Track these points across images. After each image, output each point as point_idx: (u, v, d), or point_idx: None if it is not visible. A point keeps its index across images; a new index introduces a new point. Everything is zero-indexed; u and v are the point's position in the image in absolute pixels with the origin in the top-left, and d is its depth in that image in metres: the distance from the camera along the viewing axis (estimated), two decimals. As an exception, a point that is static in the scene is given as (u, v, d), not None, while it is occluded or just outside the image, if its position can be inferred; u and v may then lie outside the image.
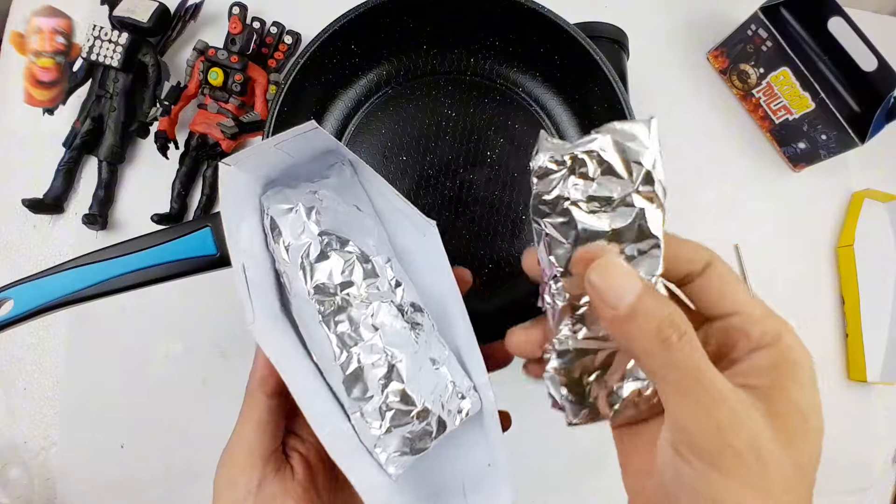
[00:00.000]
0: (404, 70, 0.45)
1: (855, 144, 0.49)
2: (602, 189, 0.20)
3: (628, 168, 0.20)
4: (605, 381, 0.21)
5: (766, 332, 0.21)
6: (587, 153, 0.20)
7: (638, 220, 0.20)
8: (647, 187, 0.20)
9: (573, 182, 0.20)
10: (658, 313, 0.19)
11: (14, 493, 0.44)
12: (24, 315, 0.31)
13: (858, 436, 0.53)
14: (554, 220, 0.20)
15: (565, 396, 0.22)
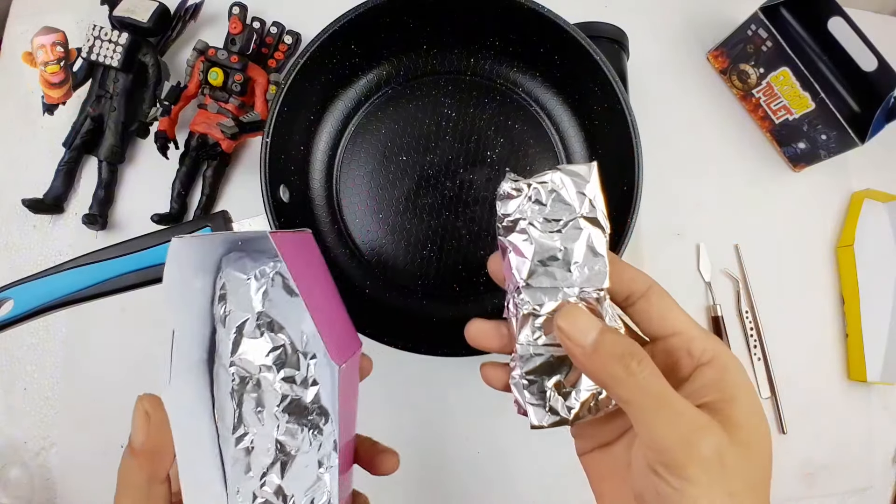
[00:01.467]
0: (404, 70, 0.45)
1: (855, 144, 0.49)
2: (553, 213, 0.24)
3: (574, 198, 0.24)
4: (564, 386, 0.24)
5: (704, 349, 0.23)
6: (541, 184, 0.24)
7: (586, 242, 0.24)
8: (591, 214, 0.24)
9: (530, 206, 0.24)
10: (619, 344, 0.22)
11: (14, 493, 0.44)
12: (24, 315, 0.31)
13: (858, 436, 0.53)
14: (516, 237, 0.24)
15: (528, 401, 0.24)
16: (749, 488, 0.21)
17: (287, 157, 0.41)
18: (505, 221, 0.24)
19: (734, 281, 0.53)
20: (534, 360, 0.24)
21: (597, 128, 0.44)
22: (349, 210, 0.44)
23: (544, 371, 0.24)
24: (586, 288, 0.24)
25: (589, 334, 0.22)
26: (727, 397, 0.22)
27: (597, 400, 0.24)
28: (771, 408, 0.51)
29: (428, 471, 0.47)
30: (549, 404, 0.24)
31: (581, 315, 0.23)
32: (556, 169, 0.24)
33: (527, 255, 0.24)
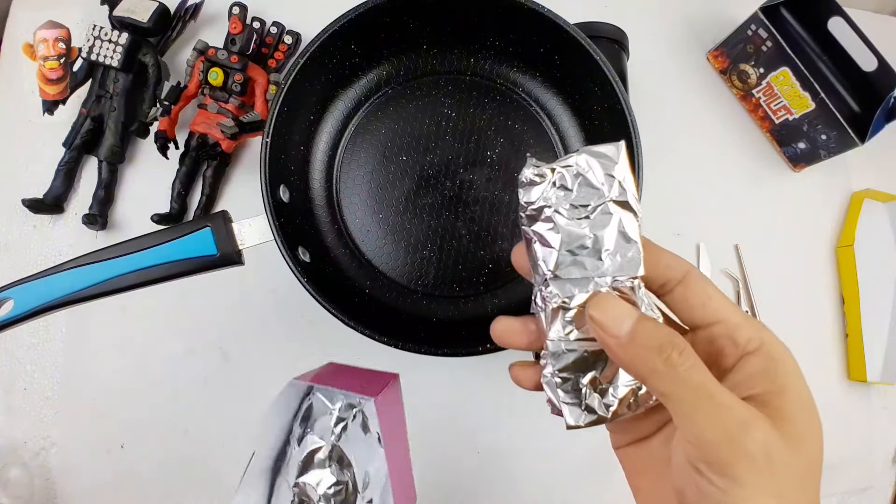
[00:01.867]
0: (404, 70, 0.45)
1: (855, 144, 0.49)
2: (580, 198, 0.22)
3: (602, 181, 0.22)
4: (600, 383, 0.22)
5: (750, 337, 0.22)
6: (565, 167, 0.23)
7: (617, 227, 0.22)
8: (622, 197, 0.22)
9: (555, 192, 0.23)
10: (657, 334, 0.20)
11: (14, 493, 0.44)
12: (24, 315, 0.31)
13: (858, 436, 0.53)
14: (540, 226, 0.23)
15: (562, 400, 0.23)
16: (799, 486, 0.19)
17: (287, 157, 0.41)
18: (528, 210, 0.23)
19: (734, 281, 0.53)
20: (566, 357, 0.23)
21: (597, 128, 0.44)
22: (349, 210, 0.44)
23: (578, 367, 0.23)
24: (619, 277, 0.22)
25: (624, 324, 0.20)
26: (776, 388, 0.20)
27: (636, 396, 0.22)
28: (771, 408, 0.51)
29: (428, 471, 0.47)
30: (586, 402, 0.22)
31: (615, 303, 0.21)
32: (581, 151, 0.23)
33: (553, 245, 0.22)
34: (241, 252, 0.34)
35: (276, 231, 0.35)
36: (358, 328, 0.36)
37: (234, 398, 0.46)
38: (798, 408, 0.20)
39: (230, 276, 0.35)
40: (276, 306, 0.48)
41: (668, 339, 0.20)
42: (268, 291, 0.48)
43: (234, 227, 0.34)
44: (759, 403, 0.20)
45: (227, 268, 0.34)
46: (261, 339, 0.47)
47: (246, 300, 0.48)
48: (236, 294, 0.48)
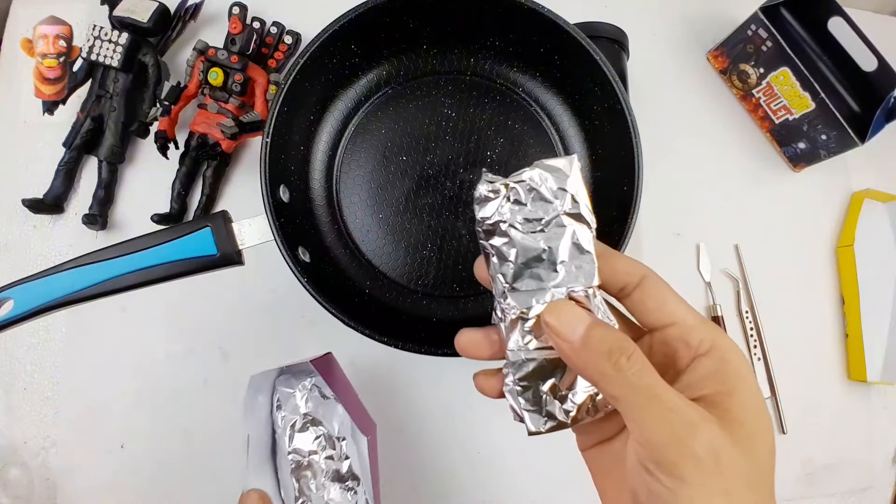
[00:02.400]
0: (404, 70, 0.45)
1: (855, 144, 0.49)
2: (534, 212, 0.23)
3: (555, 194, 0.23)
4: (559, 389, 0.23)
5: (702, 339, 0.22)
6: (519, 183, 0.23)
7: (571, 239, 0.23)
8: (574, 210, 0.23)
9: (509, 207, 0.23)
10: (607, 338, 0.21)
11: (14, 493, 0.44)
12: (24, 315, 0.31)
13: (858, 436, 0.53)
14: (497, 240, 0.23)
15: (524, 407, 0.23)
16: (749, 487, 0.20)
17: (287, 157, 0.41)
18: (484, 225, 0.24)
19: (734, 281, 0.53)
20: (526, 366, 0.23)
21: (597, 128, 0.44)
22: (349, 210, 0.44)
23: (538, 376, 0.23)
24: (575, 287, 0.23)
25: (577, 329, 0.21)
26: (726, 390, 0.21)
27: (595, 401, 0.23)
28: (771, 408, 0.51)
29: (428, 471, 0.47)
30: (546, 409, 0.23)
31: (568, 310, 0.22)
32: (534, 165, 0.23)
33: (510, 259, 0.23)
34: (241, 252, 0.34)
35: (276, 231, 0.35)
36: (358, 328, 0.36)
37: (234, 398, 0.46)
38: (747, 409, 0.21)
39: (230, 276, 0.35)
40: (276, 306, 0.48)
41: (618, 343, 0.21)
42: (268, 291, 0.48)
43: (234, 227, 0.34)
44: (709, 404, 0.21)
45: (227, 268, 0.34)
46: (261, 339, 0.47)
47: (246, 300, 0.48)
48: (236, 294, 0.48)
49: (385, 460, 0.46)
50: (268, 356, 0.47)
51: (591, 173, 0.45)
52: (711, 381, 0.21)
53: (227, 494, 0.44)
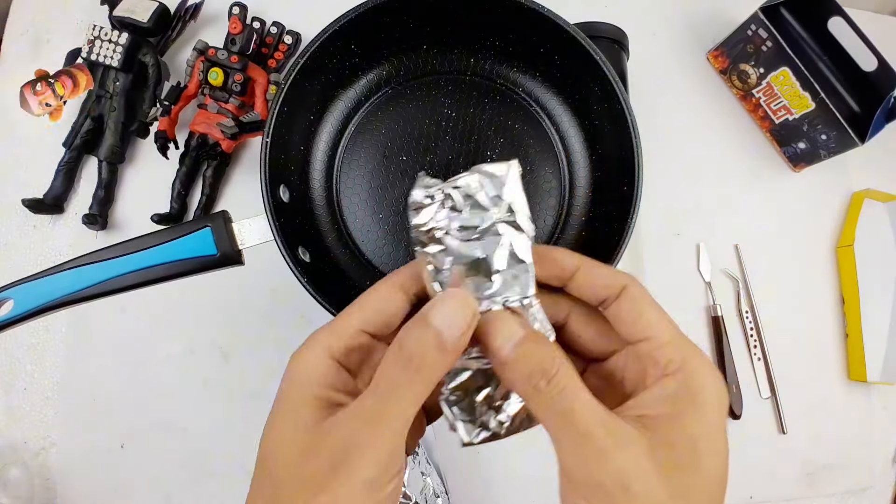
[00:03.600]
0: (404, 70, 0.45)
1: (855, 144, 0.49)
2: (470, 220, 0.22)
3: (492, 201, 0.22)
4: (494, 399, 0.23)
5: (671, 359, 0.21)
6: (455, 189, 0.23)
7: (508, 248, 0.22)
8: (511, 218, 0.22)
9: (445, 214, 0.23)
10: (530, 361, 0.20)
11: (14, 493, 0.44)
12: (24, 315, 0.31)
13: (858, 436, 0.53)
14: (432, 248, 0.23)
15: (458, 417, 0.23)
16: None
17: (287, 157, 0.41)
18: (418, 232, 0.23)
19: (734, 281, 0.53)
20: (461, 375, 0.22)
21: (597, 128, 0.44)
22: (349, 210, 0.44)
23: (472, 385, 0.23)
24: (511, 297, 0.22)
25: (505, 346, 0.21)
26: (672, 413, 0.20)
27: (529, 412, 0.23)
28: (771, 408, 0.51)
29: (428, 471, 0.47)
30: (480, 419, 0.23)
31: (502, 324, 0.21)
32: (472, 171, 0.23)
33: (445, 267, 0.22)
34: (241, 252, 0.34)
35: (276, 231, 0.35)
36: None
37: (234, 398, 0.46)
38: (688, 435, 0.20)
39: (230, 276, 0.35)
40: (276, 306, 0.48)
41: (539, 366, 0.20)
42: (268, 291, 0.48)
43: (234, 227, 0.34)
44: (649, 427, 0.20)
45: (227, 268, 0.34)
46: (261, 338, 0.47)
47: (246, 300, 0.48)
48: (236, 294, 0.48)
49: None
50: (268, 356, 0.47)
51: (591, 173, 0.45)
52: (663, 402, 0.20)
53: (227, 494, 0.44)
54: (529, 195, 0.44)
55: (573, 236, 0.44)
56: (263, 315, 0.48)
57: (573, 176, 0.45)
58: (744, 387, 0.51)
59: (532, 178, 0.45)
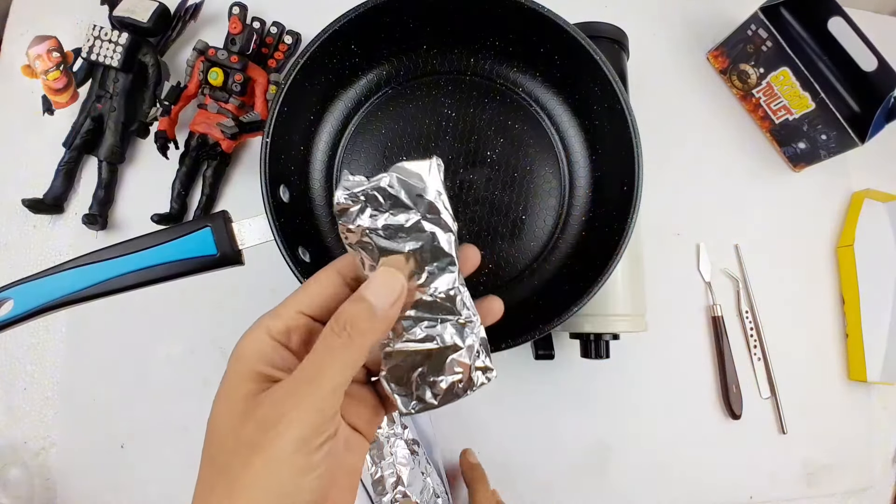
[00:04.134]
0: (404, 70, 0.45)
1: (855, 144, 0.49)
2: (393, 219, 0.24)
3: (413, 200, 0.24)
4: (426, 376, 0.25)
5: None
6: (377, 189, 0.24)
7: (432, 243, 0.24)
8: (433, 215, 0.24)
9: (369, 213, 0.24)
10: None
11: (14, 493, 0.44)
12: (24, 315, 0.31)
13: (858, 436, 0.53)
14: (362, 248, 0.24)
15: (395, 391, 0.25)
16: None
17: (287, 157, 0.41)
18: (346, 233, 0.24)
19: (734, 281, 0.53)
20: (396, 357, 0.25)
21: (597, 128, 0.44)
22: (349, 210, 0.44)
23: (407, 365, 0.25)
24: (438, 287, 0.24)
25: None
26: None
27: (458, 386, 0.25)
28: (771, 408, 0.51)
29: (428, 471, 0.47)
30: (416, 394, 0.25)
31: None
32: (392, 170, 0.24)
33: (374, 263, 0.24)
34: (241, 252, 0.34)
35: (276, 231, 0.35)
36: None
37: (234, 398, 0.46)
38: None
39: (230, 276, 0.35)
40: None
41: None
42: (268, 291, 0.48)
43: (234, 227, 0.34)
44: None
45: (227, 268, 0.34)
46: (261, 339, 0.47)
47: (246, 300, 0.48)
48: (236, 294, 0.48)
49: (385, 460, 0.46)
50: (268, 356, 0.47)
51: (591, 173, 0.45)
52: None
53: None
54: (529, 195, 0.44)
55: (573, 236, 0.44)
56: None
57: (573, 176, 0.45)
58: (744, 387, 0.51)
59: (532, 178, 0.45)
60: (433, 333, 0.25)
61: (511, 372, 0.48)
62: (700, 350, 0.52)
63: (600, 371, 0.49)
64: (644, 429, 0.50)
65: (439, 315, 0.25)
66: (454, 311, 0.25)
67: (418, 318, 0.25)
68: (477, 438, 0.47)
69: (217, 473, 0.22)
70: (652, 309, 0.46)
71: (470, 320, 0.25)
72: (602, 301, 0.44)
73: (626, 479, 0.48)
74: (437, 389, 0.25)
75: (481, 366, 0.25)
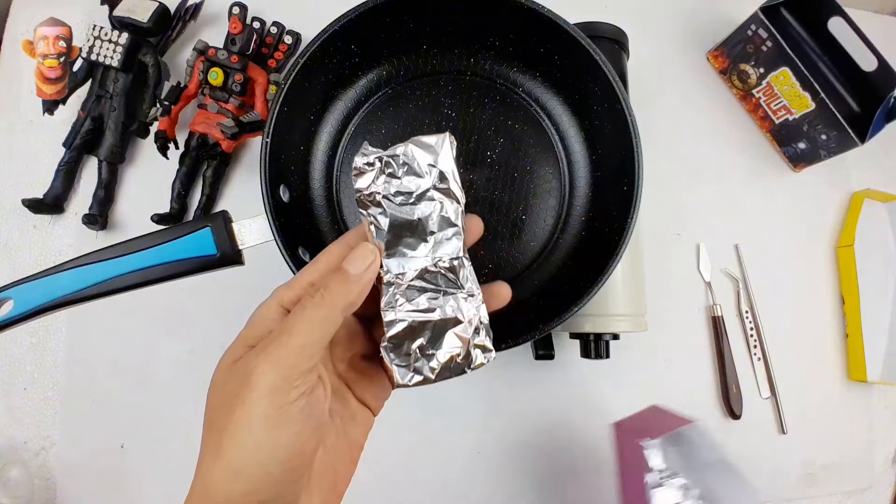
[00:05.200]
0: (404, 70, 0.45)
1: (855, 144, 0.49)
2: (405, 185, 0.25)
3: (426, 170, 0.25)
4: (425, 348, 0.25)
5: None
6: (392, 157, 0.25)
7: (440, 212, 0.26)
8: (443, 185, 0.26)
9: (384, 180, 0.25)
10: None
11: (14, 493, 0.44)
12: (24, 315, 0.31)
13: (858, 436, 0.53)
14: (373, 210, 0.25)
15: (394, 361, 0.25)
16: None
17: (287, 157, 0.41)
18: (361, 195, 0.25)
19: (734, 281, 0.53)
20: (397, 326, 0.25)
21: (597, 128, 0.44)
22: (349, 210, 0.44)
23: (407, 335, 0.25)
24: (442, 256, 0.25)
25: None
26: None
27: (455, 361, 0.25)
28: (771, 408, 0.51)
29: (431, 472, 0.47)
30: (414, 366, 0.25)
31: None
32: (408, 142, 0.25)
33: (383, 227, 0.25)
34: (241, 252, 0.34)
35: (276, 231, 0.35)
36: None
37: (234, 398, 0.46)
38: None
39: (230, 275, 0.35)
40: (276, 306, 0.48)
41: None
42: (268, 291, 0.48)
43: (234, 227, 0.34)
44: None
45: (227, 268, 0.34)
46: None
47: (246, 300, 0.47)
48: (236, 294, 0.47)
49: (381, 459, 0.46)
50: (268, 356, 0.47)
51: (590, 173, 0.45)
52: None
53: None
54: (529, 195, 0.44)
55: (573, 236, 0.44)
56: (263, 315, 0.48)
57: (573, 176, 0.45)
58: (744, 387, 0.51)
59: (532, 178, 0.45)
60: (435, 305, 0.26)
61: (511, 372, 0.48)
62: (700, 350, 0.52)
63: (600, 371, 0.49)
64: (644, 429, 0.50)
65: (443, 287, 0.26)
66: (457, 285, 0.26)
67: (422, 287, 0.26)
68: (478, 438, 0.47)
69: (209, 427, 0.24)
70: (652, 309, 0.46)
71: (472, 294, 0.26)
72: (602, 301, 0.44)
73: (626, 479, 0.48)
74: (434, 363, 0.25)
75: (480, 343, 0.26)
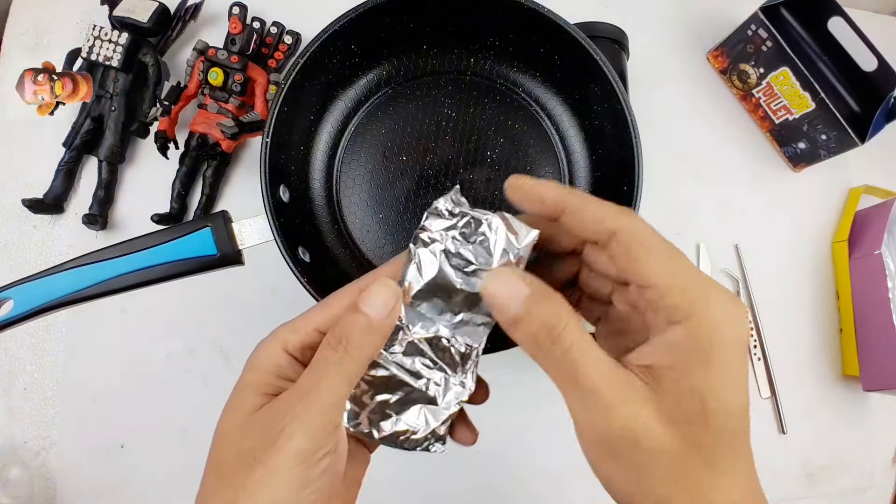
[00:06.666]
0: (404, 70, 0.45)
1: (855, 144, 0.49)
2: (470, 254, 0.23)
3: (499, 252, 0.23)
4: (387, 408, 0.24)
5: (677, 305, 0.20)
6: (475, 220, 0.23)
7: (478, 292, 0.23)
8: None
9: (454, 235, 0.23)
10: (536, 319, 0.20)
11: (14, 493, 0.44)
12: (24, 315, 0.31)
13: (858, 436, 0.53)
14: (426, 255, 0.23)
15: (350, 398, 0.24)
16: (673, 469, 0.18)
17: (287, 157, 0.41)
18: (422, 234, 0.24)
19: (734, 281, 0.53)
20: (380, 370, 0.24)
21: (597, 128, 0.44)
22: (349, 210, 0.44)
23: (381, 384, 0.24)
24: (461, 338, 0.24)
25: (511, 305, 0.21)
26: (677, 365, 0.19)
27: (409, 437, 0.24)
28: (771, 408, 0.51)
29: (431, 472, 0.47)
30: (366, 414, 0.24)
31: (507, 279, 0.21)
32: (500, 215, 0.23)
33: (423, 276, 0.23)
34: (241, 252, 0.34)
35: (276, 231, 0.35)
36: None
37: (234, 398, 0.46)
38: (691, 391, 0.19)
39: (230, 275, 0.35)
40: (276, 306, 0.48)
41: (545, 324, 0.20)
42: (268, 291, 0.48)
43: (234, 227, 0.34)
44: (656, 378, 0.19)
45: (227, 268, 0.34)
46: (261, 338, 0.47)
47: (246, 300, 0.48)
48: (236, 294, 0.48)
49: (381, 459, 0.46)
50: (268, 356, 0.47)
51: (591, 173, 0.45)
52: (667, 353, 0.19)
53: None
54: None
55: (573, 236, 0.44)
56: (263, 315, 0.48)
57: (573, 176, 0.45)
58: (744, 387, 0.51)
59: (532, 178, 0.45)
60: (425, 374, 0.24)
61: (511, 372, 0.48)
62: (700, 350, 0.52)
63: (600, 371, 0.49)
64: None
65: (441, 363, 0.24)
66: (456, 370, 0.24)
67: (423, 351, 0.24)
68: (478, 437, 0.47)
69: (220, 482, 0.22)
70: (652, 309, 0.46)
71: (464, 386, 0.24)
72: (602, 301, 0.44)
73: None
74: (387, 425, 0.24)
75: (441, 433, 0.24)
